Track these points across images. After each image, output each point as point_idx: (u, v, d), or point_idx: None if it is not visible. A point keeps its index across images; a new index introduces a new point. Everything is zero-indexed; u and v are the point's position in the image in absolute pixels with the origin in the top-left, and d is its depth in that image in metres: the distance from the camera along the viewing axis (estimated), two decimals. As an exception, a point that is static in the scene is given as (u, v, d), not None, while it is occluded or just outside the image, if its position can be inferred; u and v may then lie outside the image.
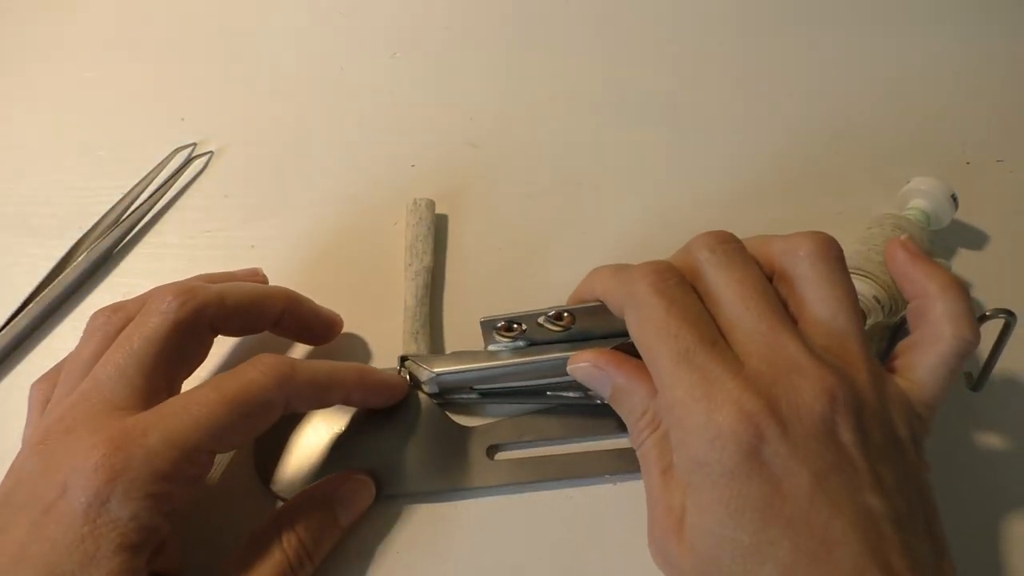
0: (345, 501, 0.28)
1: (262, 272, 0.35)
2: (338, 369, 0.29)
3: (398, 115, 0.45)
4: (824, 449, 0.23)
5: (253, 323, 0.31)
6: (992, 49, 0.48)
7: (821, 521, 0.22)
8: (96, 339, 0.28)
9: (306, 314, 0.32)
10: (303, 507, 0.28)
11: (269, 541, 0.26)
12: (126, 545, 0.23)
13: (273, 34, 0.50)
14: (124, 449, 0.23)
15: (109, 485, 0.23)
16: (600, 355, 0.28)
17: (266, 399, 0.26)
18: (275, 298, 0.31)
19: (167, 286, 0.28)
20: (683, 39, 0.49)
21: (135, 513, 0.23)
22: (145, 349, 0.26)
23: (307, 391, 0.27)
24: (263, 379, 0.26)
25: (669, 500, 0.25)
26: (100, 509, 0.22)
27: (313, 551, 0.27)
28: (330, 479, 0.29)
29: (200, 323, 0.28)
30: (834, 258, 0.26)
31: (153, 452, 0.23)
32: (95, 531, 0.22)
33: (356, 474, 0.29)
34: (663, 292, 0.26)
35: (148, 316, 0.27)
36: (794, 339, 0.25)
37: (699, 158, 0.42)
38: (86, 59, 0.48)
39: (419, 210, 0.38)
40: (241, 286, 0.30)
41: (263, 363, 0.26)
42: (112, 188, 0.40)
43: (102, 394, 0.25)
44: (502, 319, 0.31)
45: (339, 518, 0.28)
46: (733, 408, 0.23)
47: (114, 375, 0.26)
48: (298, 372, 0.27)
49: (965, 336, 0.26)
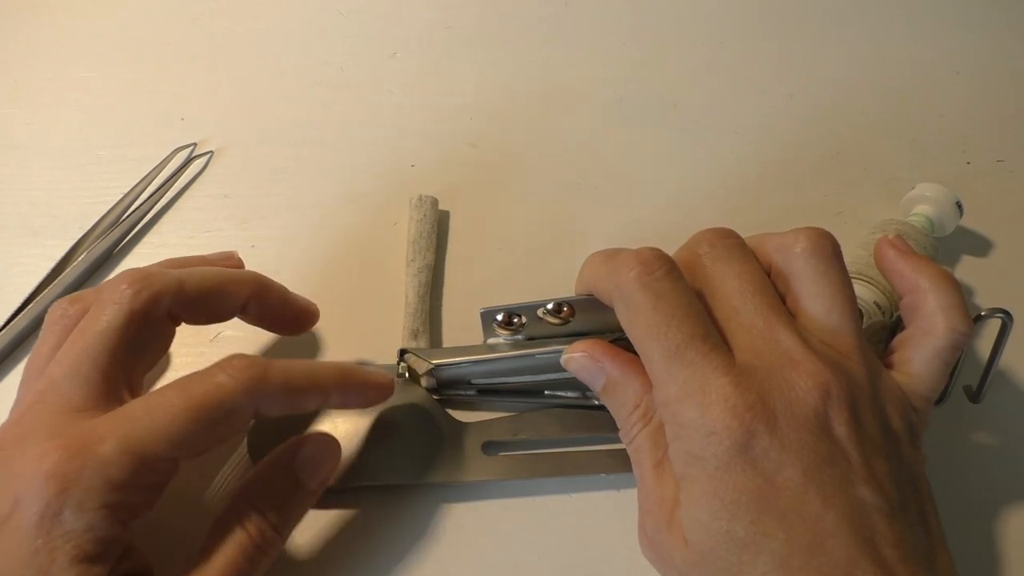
0: (308, 465, 0.26)
1: (237, 255, 0.33)
2: (316, 371, 0.26)
3: (398, 115, 0.45)
4: (817, 442, 0.23)
5: (216, 310, 0.29)
6: (992, 49, 0.48)
7: (814, 513, 0.22)
8: (54, 334, 0.27)
9: (275, 301, 0.31)
10: (263, 479, 0.26)
11: (229, 521, 0.25)
12: (81, 557, 0.22)
13: (273, 34, 0.50)
14: (77, 458, 0.22)
15: (61, 496, 0.22)
16: (595, 346, 0.28)
17: (233, 405, 0.24)
18: (240, 283, 0.29)
19: (123, 273, 0.27)
20: (684, 39, 0.49)
21: (90, 524, 0.22)
22: (100, 344, 0.25)
23: (281, 395, 0.25)
24: (231, 383, 0.24)
25: (662, 493, 0.25)
26: (53, 521, 0.22)
27: (279, 524, 0.25)
28: (288, 444, 0.27)
29: (157, 312, 0.26)
30: (830, 254, 0.26)
31: (108, 461, 0.22)
32: (49, 543, 0.21)
33: (316, 435, 0.27)
34: (649, 286, 0.25)
35: (102, 307, 0.26)
36: (790, 334, 0.25)
37: (699, 158, 0.42)
38: (86, 59, 0.48)
39: (423, 206, 0.38)
40: (203, 271, 0.28)
41: (233, 366, 0.24)
42: (112, 188, 0.40)
43: (58, 395, 0.24)
44: (502, 310, 0.30)
45: (306, 483, 0.26)
46: (726, 403, 0.23)
47: (69, 374, 0.25)
48: (271, 375, 0.25)
49: (958, 328, 0.26)
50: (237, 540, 0.24)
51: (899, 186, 0.39)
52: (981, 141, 0.43)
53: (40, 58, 0.48)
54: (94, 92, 0.46)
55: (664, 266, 0.26)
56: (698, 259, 0.27)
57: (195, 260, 0.32)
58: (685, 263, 0.27)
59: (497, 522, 0.30)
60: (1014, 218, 0.39)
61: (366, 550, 0.29)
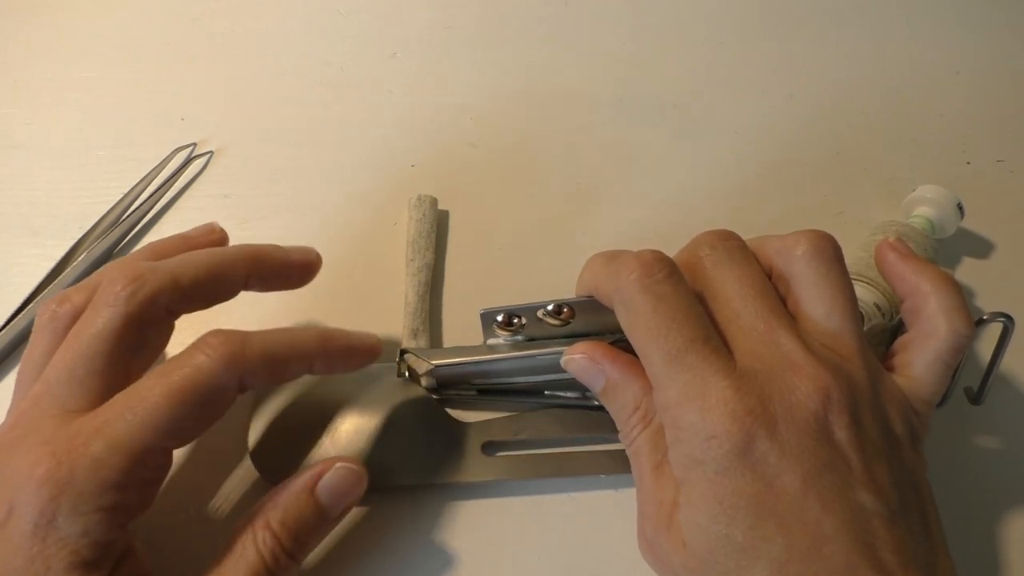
0: (333, 493, 0.26)
1: (218, 226, 0.31)
2: (297, 338, 0.26)
3: (398, 115, 0.45)
4: (817, 447, 0.23)
5: (216, 296, 0.28)
6: (992, 49, 0.48)
7: (813, 518, 0.22)
8: (45, 336, 0.26)
9: (274, 267, 0.29)
10: (283, 500, 0.25)
11: (243, 539, 0.24)
12: (78, 563, 0.22)
13: (273, 34, 0.49)
14: (67, 461, 0.22)
15: (54, 502, 0.21)
16: (595, 348, 0.28)
17: (216, 384, 0.24)
18: (234, 263, 0.28)
19: (115, 272, 0.26)
20: (684, 39, 0.49)
21: (86, 529, 0.22)
22: (95, 348, 0.24)
23: (262, 367, 0.24)
24: (210, 363, 0.23)
25: (661, 496, 0.25)
26: (48, 528, 0.21)
27: (293, 549, 0.25)
28: (314, 468, 0.26)
29: (155, 312, 0.26)
30: (830, 256, 0.26)
31: (99, 461, 0.22)
32: (44, 551, 0.21)
33: (343, 462, 0.27)
34: (649, 289, 0.25)
35: (97, 310, 0.25)
36: (791, 337, 0.24)
37: (699, 158, 0.42)
38: (86, 59, 0.48)
39: (422, 206, 0.38)
40: (195, 260, 0.27)
41: (209, 344, 0.24)
42: (112, 188, 0.40)
43: (53, 398, 0.24)
44: (502, 311, 0.30)
45: (327, 510, 0.26)
46: (726, 407, 0.23)
47: (64, 377, 0.24)
48: (249, 347, 0.24)
49: (960, 330, 0.26)
50: (249, 562, 0.24)
51: (899, 186, 0.39)
52: (981, 141, 0.43)
53: (40, 58, 0.48)
54: (94, 92, 0.46)
55: (665, 269, 0.25)
56: (699, 261, 0.27)
57: (176, 239, 0.30)
58: (686, 265, 0.27)
59: (497, 522, 0.30)
60: (1014, 218, 0.39)
61: (366, 550, 0.29)
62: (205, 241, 0.31)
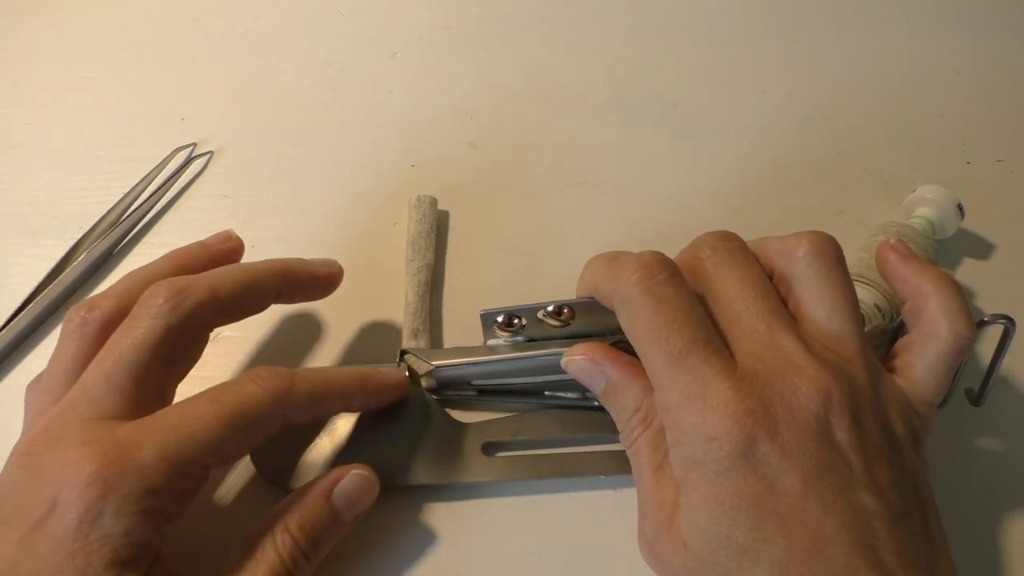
0: (347, 497, 0.27)
1: (235, 234, 0.33)
2: (337, 379, 0.28)
3: (398, 115, 0.45)
4: (818, 448, 0.23)
5: (250, 309, 0.29)
6: (992, 49, 0.48)
7: (814, 520, 0.22)
8: (75, 341, 0.27)
9: (302, 281, 0.31)
10: (301, 504, 0.26)
11: (263, 541, 0.25)
12: (117, 561, 0.22)
13: (273, 34, 0.49)
14: (117, 463, 0.22)
15: (102, 500, 0.22)
16: (595, 349, 0.28)
17: (264, 414, 0.25)
18: (268, 277, 0.29)
19: (157, 285, 0.27)
20: (684, 39, 0.49)
21: (128, 529, 0.22)
22: (135, 357, 0.25)
23: (306, 404, 0.27)
24: (262, 394, 0.25)
25: (661, 497, 0.25)
26: (92, 525, 0.22)
27: (310, 551, 0.26)
28: (330, 474, 0.27)
29: (193, 325, 0.27)
30: (832, 258, 0.26)
31: (147, 466, 0.23)
32: (86, 547, 0.22)
33: (358, 468, 0.28)
34: (650, 290, 0.25)
35: (138, 320, 0.26)
36: (792, 338, 0.24)
37: (700, 158, 0.42)
38: (86, 59, 0.48)
39: (422, 206, 0.38)
40: (232, 274, 0.29)
41: (261, 376, 0.26)
42: (112, 188, 0.40)
43: (90, 402, 0.25)
44: (502, 312, 0.30)
45: (341, 515, 0.27)
46: (727, 409, 0.23)
47: (103, 384, 0.25)
48: (296, 385, 0.26)
49: (961, 332, 0.26)
50: (269, 561, 0.25)
51: (899, 186, 0.39)
52: (981, 141, 0.43)
53: (40, 58, 0.48)
54: (94, 92, 0.46)
55: (666, 270, 0.25)
56: (700, 263, 0.27)
57: (196, 247, 0.31)
58: (687, 266, 0.27)
59: (497, 522, 0.30)
60: (1014, 219, 0.39)
61: (366, 550, 0.29)
62: (223, 248, 0.32)
